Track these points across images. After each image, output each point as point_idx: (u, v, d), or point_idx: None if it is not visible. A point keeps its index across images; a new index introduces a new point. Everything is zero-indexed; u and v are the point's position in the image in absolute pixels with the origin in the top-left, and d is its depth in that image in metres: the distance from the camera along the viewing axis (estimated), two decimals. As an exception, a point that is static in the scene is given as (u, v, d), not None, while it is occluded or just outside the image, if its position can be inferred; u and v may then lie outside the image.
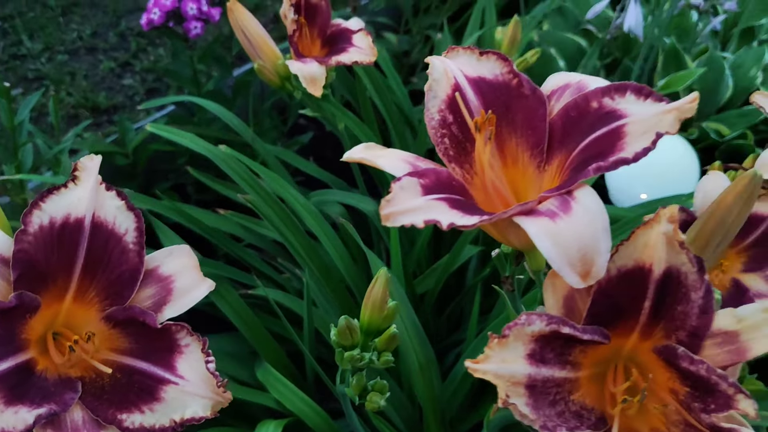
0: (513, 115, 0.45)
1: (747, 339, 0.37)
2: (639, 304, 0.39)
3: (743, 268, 0.78)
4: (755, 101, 0.79)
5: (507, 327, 0.37)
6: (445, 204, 0.38)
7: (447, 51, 0.47)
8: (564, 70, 1.51)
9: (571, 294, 0.39)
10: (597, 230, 0.36)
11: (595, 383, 0.43)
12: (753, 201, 0.46)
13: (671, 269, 0.38)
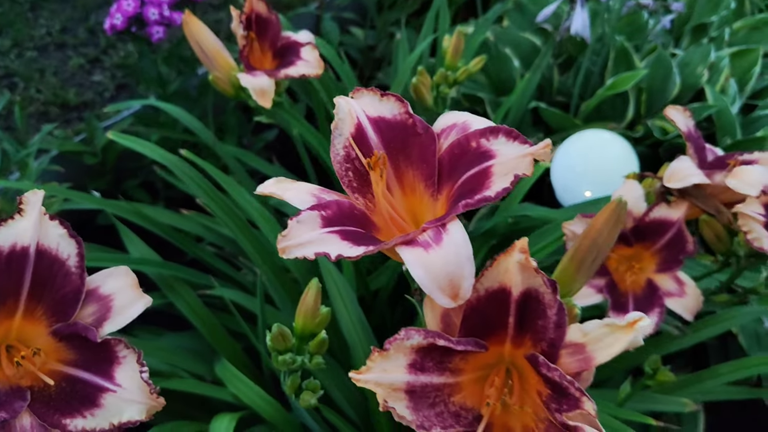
0: (409, 150, 0.51)
1: (592, 349, 0.43)
2: (505, 319, 0.45)
3: (656, 268, 0.85)
4: (668, 114, 0.86)
5: (388, 341, 0.44)
6: (337, 236, 0.44)
7: (353, 92, 0.53)
8: (519, 70, 1.58)
9: (447, 311, 0.46)
10: (462, 259, 0.43)
11: (479, 385, 0.49)
12: (620, 224, 0.52)
13: (529, 290, 0.44)
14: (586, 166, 1.25)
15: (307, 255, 0.42)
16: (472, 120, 0.51)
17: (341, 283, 1.03)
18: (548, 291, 0.44)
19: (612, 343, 0.42)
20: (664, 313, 0.82)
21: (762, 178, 0.76)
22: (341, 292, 1.02)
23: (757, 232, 0.72)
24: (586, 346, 0.43)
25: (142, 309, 0.54)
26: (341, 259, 0.42)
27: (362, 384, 0.41)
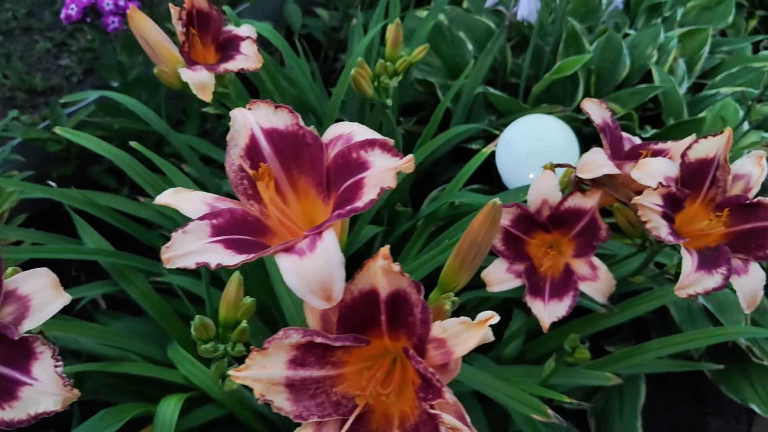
0: (301, 159, 0.55)
1: (452, 344, 0.48)
2: (377, 317, 0.50)
3: (573, 254, 0.90)
4: (583, 107, 0.90)
5: (267, 341, 0.48)
6: (221, 245, 0.49)
7: (250, 104, 0.57)
8: (473, 53, 1.61)
9: (326, 311, 0.50)
10: (333, 266, 0.47)
11: (365, 375, 0.54)
12: (497, 224, 0.57)
13: (397, 291, 0.49)
14: (528, 150, 1.29)
15: (189, 265, 0.46)
16: (356, 131, 0.55)
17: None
18: (413, 291, 0.49)
19: (467, 338, 0.47)
20: (578, 296, 0.87)
21: (664, 169, 0.80)
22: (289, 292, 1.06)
23: (655, 221, 0.76)
24: (446, 341, 0.48)
25: (60, 307, 0.58)
26: (221, 266, 0.47)
27: (240, 381, 0.46)
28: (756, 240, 0.78)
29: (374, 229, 1.28)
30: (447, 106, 1.57)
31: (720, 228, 0.79)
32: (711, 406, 1.70)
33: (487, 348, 1.27)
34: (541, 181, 0.88)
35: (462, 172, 1.21)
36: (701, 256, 0.77)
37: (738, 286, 0.76)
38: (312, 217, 0.56)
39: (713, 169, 0.79)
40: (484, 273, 0.90)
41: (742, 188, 0.80)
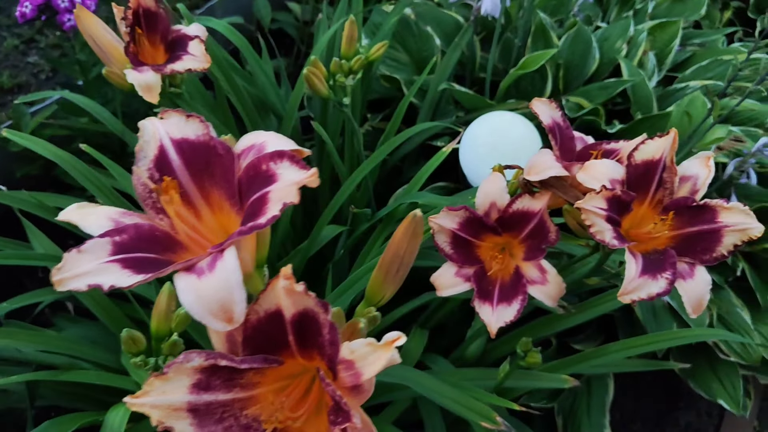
0: (212, 170, 0.53)
1: (360, 366, 0.46)
2: (285, 337, 0.48)
3: (523, 256, 0.88)
4: (532, 107, 0.88)
5: (167, 365, 0.46)
6: (118, 265, 0.47)
7: (161, 113, 0.55)
8: (440, 48, 1.58)
9: (231, 332, 0.48)
10: (232, 286, 0.45)
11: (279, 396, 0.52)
12: (419, 236, 0.55)
13: (304, 311, 0.47)
14: (490, 148, 1.27)
15: (80, 288, 0.44)
16: (268, 141, 0.53)
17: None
18: (321, 311, 0.47)
19: (375, 360, 0.45)
20: (526, 300, 0.85)
21: (610, 171, 0.78)
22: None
23: (599, 225, 0.74)
24: (354, 362, 0.46)
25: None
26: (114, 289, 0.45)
27: (136, 408, 0.44)
28: (702, 243, 0.76)
29: (336, 229, 1.26)
30: (414, 103, 1.55)
31: (667, 231, 0.78)
32: (682, 401, 1.70)
33: (450, 348, 1.25)
34: (488, 183, 0.86)
35: (421, 172, 1.19)
36: (646, 260, 0.75)
37: (683, 290, 0.74)
38: (228, 231, 0.54)
39: (660, 171, 0.78)
40: (433, 277, 0.88)
41: (689, 190, 0.79)
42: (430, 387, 0.87)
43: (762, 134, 1.47)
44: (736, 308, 1.41)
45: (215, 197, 0.54)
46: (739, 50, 1.70)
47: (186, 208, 0.53)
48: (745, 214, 0.74)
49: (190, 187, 0.54)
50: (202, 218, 0.54)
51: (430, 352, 1.18)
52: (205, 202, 0.54)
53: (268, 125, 1.32)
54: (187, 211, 0.53)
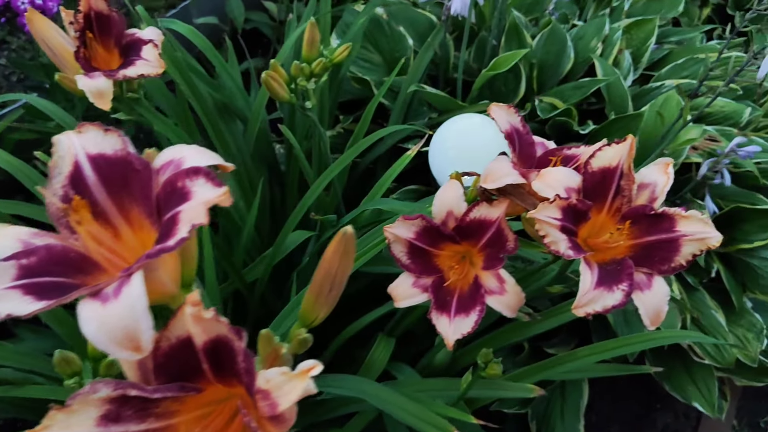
0: (131, 187, 0.51)
1: (276, 396, 0.44)
2: (199, 365, 0.45)
3: (483, 265, 0.86)
4: (490, 112, 0.86)
5: (71, 397, 0.43)
6: (19, 291, 0.44)
7: (79, 126, 0.52)
8: (413, 48, 1.56)
9: (142, 360, 0.46)
10: (138, 313, 0.42)
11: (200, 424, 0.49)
12: (351, 254, 0.52)
13: (218, 337, 0.44)
14: (458, 151, 1.25)
15: (-25, 316, 0.42)
16: (187, 156, 0.50)
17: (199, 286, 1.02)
18: (235, 338, 0.44)
19: (290, 390, 0.43)
20: (484, 311, 0.82)
21: (565, 179, 0.76)
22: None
23: (553, 236, 0.72)
24: (270, 392, 0.44)
25: None
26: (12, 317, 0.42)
27: (34, 444, 0.41)
28: (660, 253, 0.74)
29: (302, 235, 1.24)
30: (386, 104, 1.53)
31: (624, 240, 0.75)
32: (659, 402, 1.69)
33: (418, 356, 1.23)
34: (445, 191, 0.84)
35: (385, 177, 1.16)
36: (602, 271, 0.73)
37: (640, 302, 0.72)
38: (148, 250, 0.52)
39: (617, 179, 0.75)
40: (390, 287, 0.86)
41: (647, 198, 0.76)
42: (387, 400, 0.85)
43: (736, 134, 1.45)
44: (711, 310, 1.39)
45: (135, 215, 0.51)
46: (715, 48, 1.69)
47: (102, 227, 0.51)
48: (703, 223, 0.72)
49: (108, 204, 0.51)
50: (121, 237, 0.52)
51: (397, 360, 1.16)
52: (125, 221, 0.52)
53: (233, 129, 1.29)
54: (103, 230, 0.50)
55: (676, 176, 1.48)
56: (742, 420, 1.84)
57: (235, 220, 1.19)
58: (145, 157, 0.53)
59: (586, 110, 1.64)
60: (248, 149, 1.29)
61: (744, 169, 1.46)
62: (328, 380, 0.93)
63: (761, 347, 1.37)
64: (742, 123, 1.53)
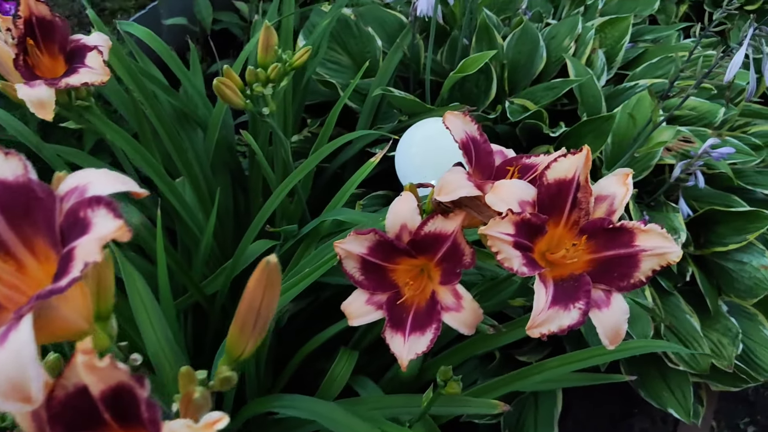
0: (34, 216, 0.47)
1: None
2: (100, 415, 0.42)
3: (440, 280, 0.83)
4: (445, 122, 0.82)
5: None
6: None
7: (-21, 150, 0.48)
8: (383, 49, 1.52)
9: (36, 410, 0.42)
10: (26, 361, 0.39)
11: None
12: (276, 285, 0.49)
13: (118, 385, 0.41)
14: (423, 157, 1.22)
15: None
16: (92, 183, 0.46)
17: (148, 302, 0.98)
18: (136, 386, 0.41)
19: (194, 443, 0.39)
20: (440, 329, 0.79)
21: (519, 192, 0.73)
22: (149, 311, 0.98)
23: (506, 253, 0.69)
24: (178, 443, 0.40)
25: None
26: None
27: None
28: (619, 268, 0.71)
29: (264, 245, 1.20)
30: (353, 107, 1.49)
31: (579, 255, 0.72)
32: (636, 407, 1.66)
33: (385, 368, 1.20)
34: (398, 204, 0.81)
35: (348, 185, 1.13)
36: (558, 288, 0.69)
37: (598, 321, 0.69)
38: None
39: (573, 191, 0.72)
40: (344, 305, 0.83)
41: (605, 210, 0.73)
42: (340, 422, 0.81)
43: (711, 134, 1.42)
44: (685, 315, 1.37)
45: (39, 246, 0.48)
46: (690, 46, 1.66)
47: (3, 260, 0.47)
48: (662, 237, 0.69)
49: (9, 236, 0.47)
50: (26, 271, 0.48)
51: (365, 372, 1.12)
52: (29, 253, 0.48)
53: (192, 137, 1.25)
54: (4, 263, 0.46)
55: (650, 178, 1.46)
56: (721, 422, 1.82)
57: (193, 231, 1.15)
58: (55, 180, 0.50)
59: (559, 111, 1.61)
60: (208, 157, 1.25)
61: (718, 170, 1.43)
62: (282, 400, 0.90)
63: (736, 352, 1.35)
64: (716, 123, 1.51)
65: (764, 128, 1.61)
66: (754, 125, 1.63)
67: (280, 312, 1.12)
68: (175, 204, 1.12)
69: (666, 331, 1.34)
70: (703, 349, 1.31)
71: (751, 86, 1.07)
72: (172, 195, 1.12)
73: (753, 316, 1.42)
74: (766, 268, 1.33)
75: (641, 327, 1.23)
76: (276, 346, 1.23)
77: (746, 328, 1.40)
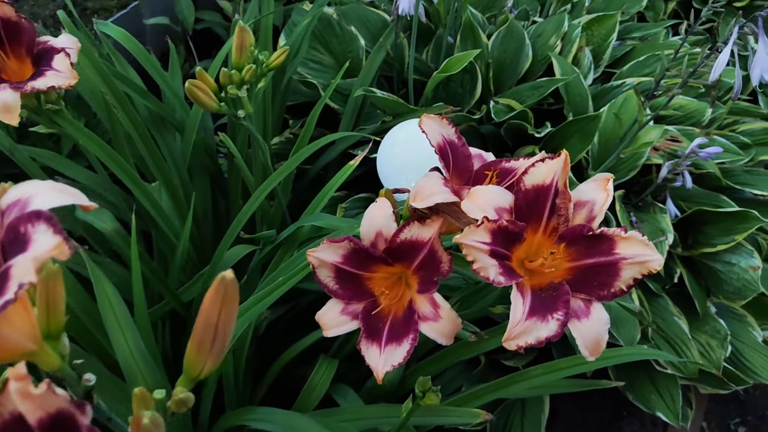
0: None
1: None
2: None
3: (418, 288, 0.80)
4: (421, 126, 0.80)
5: None
6: None
7: None
8: (366, 48, 1.49)
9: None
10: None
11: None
12: (233, 300, 0.46)
13: (57, 412, 0.38)
14: (405, 160, 1.19)
15: None
16: (35, 195, 0.43)
17: (119, 310, 0.96)
18: (77, 413, 0.38)
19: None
20: (417, 339, 0.77)
21: (496, 198, 0.70)
22: (119, 318, 0.95)
23: (482, 261, 0.66)
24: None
25: None
26: None
27: None
28: (599, 277, 0.68)
29: (243, 250, 1.17)
30: (335, 108, 1.47)
31: (562, 263, 0.70)
32: (626, 409, 1.65)
33: (367, 375, 1.17)
34: (373, 210, 0.78)
35: (327, 188, 1.10)
36: (536, 298, 0.67)
37: (578, 332, 0.67)
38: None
39: (551, 197, 0.70)
40: (318, 316, 0.80)
41: (585, 217, 0.71)
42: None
43: (698, 134, 1.40)
44: (673, 317, 1.35)
45: (-19, 264, 0.45)
46: (678, 44, 1.64)
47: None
48: (643, 245, 0.66)
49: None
50: None
51: (343, 382, 1.10)
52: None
53: (168, 140, 1.22)
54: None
55: (637, 178, 1.43)
56: (712, 423, 1.81)
57: (169, 237, 1.12)
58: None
59: (546, 111, 1.58)
60: (185, 160, 1.22)
61: (706, 170, 1.41)
62: (257, 413, 0.88)
63: (725, 354, 1.33)
64: (704, 122, 1.49)
65: (753, 126, 1.59)
66: (742, 123, 1.61)
67: (258, 320, 1.10)
68: (149, 209, 1.10)
69: (654, 334, 1.32)
70: (691, 352, 1.29)
71: (737, 86, 1.04)
72: (147, 200, 1.09)
73: (742, 317, 1.41)
74: (755, 269, 1.31)
75: (628, 331, 1.21)
76: (255, 353, 1.20)
77: (735, 329, 1.39)
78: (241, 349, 1.05)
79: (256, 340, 1.18)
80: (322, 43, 1.57)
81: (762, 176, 1.45)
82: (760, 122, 1.58)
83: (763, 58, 1.04)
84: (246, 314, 0.93)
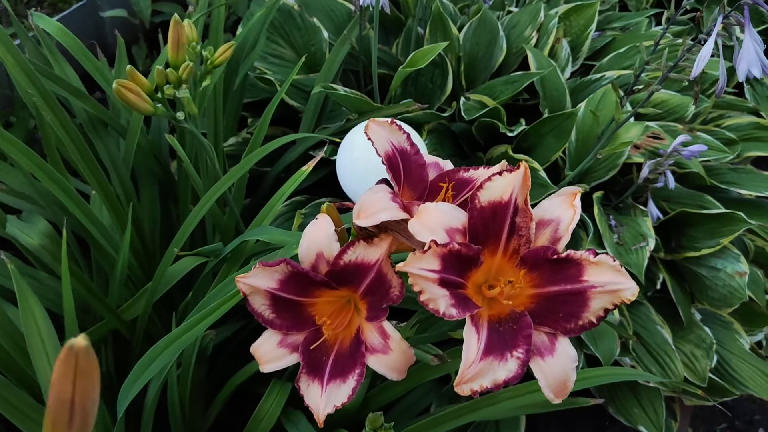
0: None
1: None
2: None
3: (366, 315, 0.71)
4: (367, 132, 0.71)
5: None
6: None
7: None
8: (330, 41, 1.40)
9: None
10: None
11: None
12: (88, 371, 0.37)
13: None
14: (367, 163, 1.10)
15: None
16: None
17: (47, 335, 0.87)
18: None
19: None
20: (364, 375, 0.68)
21: (447, 218, 0.61)
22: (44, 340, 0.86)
23: (430, 292, 0.57)
24: None
25: None
26: None
27: None
28: (565, 307, 0.59)
29: (190, 263, 1.08)
30: (294, 106, 1.37)
31: (525, 289, 0.61)
32: (607, 420, 1.57)
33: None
34: (312, 229, 0.69)
35: (275, 198, 1.01)
36: (494, 333, 0.58)
37: (541, 372, 0.58)
38: None
39: (510, 215, 0.61)
40: (253, 348, 0.71)
41: (549, 237, 0.62)
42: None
43: (681, 130, 1.32)
44: (656, 326, 1.27)
45: None
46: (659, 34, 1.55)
47: None
48: (615, 270, 0.58)
49: None
50: None
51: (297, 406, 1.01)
52: None
53: (109, 145, 1.12)
54: None
55: (617, 178, 1.35)
56: (699, 428, 1.74)
57: (107, 251, 1.03)
58: None
59: (521, 106, 1.50)
60: (127, 167, 1.12)
61: (690, 169, 1.33)
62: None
63: (711, 365, 1.25)
64: (688, 117, 1.40)
65: (739, 121, 1.51)
66: (728, 117, 1.53)
67: (205, 341, 1.01)
68: (85, 223, 1.00)
69: (635, 345, 1.24)
70: (675, 363, 1.22)
71: (721, 81, 0.96)
72: (81, 212, 0.99)
73: (728, 324, 1.33)
74: (741, 275, 1.23)
75: (607, 345, 1.12)
76: (208, 374, 1.11)
77: (721, 337, 1.31)
78: (186, 375, 0.96)
79: (206, 360, 1.08)
80: (283, 36, 1.47)
81: (749, 175, 1.37)
82: (747, 116, 1.49)
83: (750, 50, 0.95)
84: (182, 338, 0.84)
